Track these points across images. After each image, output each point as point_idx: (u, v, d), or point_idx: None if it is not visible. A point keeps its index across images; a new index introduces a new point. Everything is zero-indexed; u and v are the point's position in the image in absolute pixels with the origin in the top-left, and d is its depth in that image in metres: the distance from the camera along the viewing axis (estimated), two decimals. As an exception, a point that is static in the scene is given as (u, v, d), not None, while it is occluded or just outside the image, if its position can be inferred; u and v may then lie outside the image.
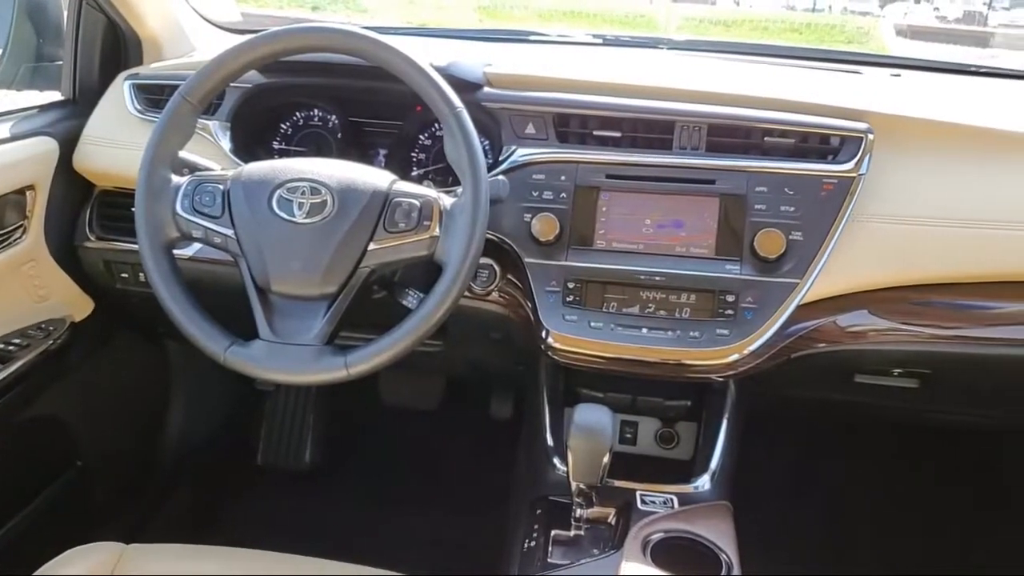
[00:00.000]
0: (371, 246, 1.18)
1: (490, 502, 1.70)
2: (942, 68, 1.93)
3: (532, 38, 1.97)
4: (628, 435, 1.57)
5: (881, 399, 1.56)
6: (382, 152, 1.56)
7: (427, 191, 1.22)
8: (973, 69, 1.89)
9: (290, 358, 1.18)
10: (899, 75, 1.79)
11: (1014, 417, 1.72)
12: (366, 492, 2.22)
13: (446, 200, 1.21)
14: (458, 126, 1.19)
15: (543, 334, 1.35)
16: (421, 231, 1.18)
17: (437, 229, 1.18)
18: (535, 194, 1.38)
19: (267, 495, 2.24)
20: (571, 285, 1.36)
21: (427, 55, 1.26)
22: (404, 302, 1.31)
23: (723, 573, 1.18)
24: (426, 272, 1.26)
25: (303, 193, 1.19)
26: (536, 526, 1.32)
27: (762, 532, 1.48)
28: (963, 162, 1.39)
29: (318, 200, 1.19)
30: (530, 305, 1.37)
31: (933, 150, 1.39)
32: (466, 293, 1.35)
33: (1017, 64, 1.88)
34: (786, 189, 1.33)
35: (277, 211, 1.19)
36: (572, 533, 1.28)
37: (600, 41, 1.95)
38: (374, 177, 1.22)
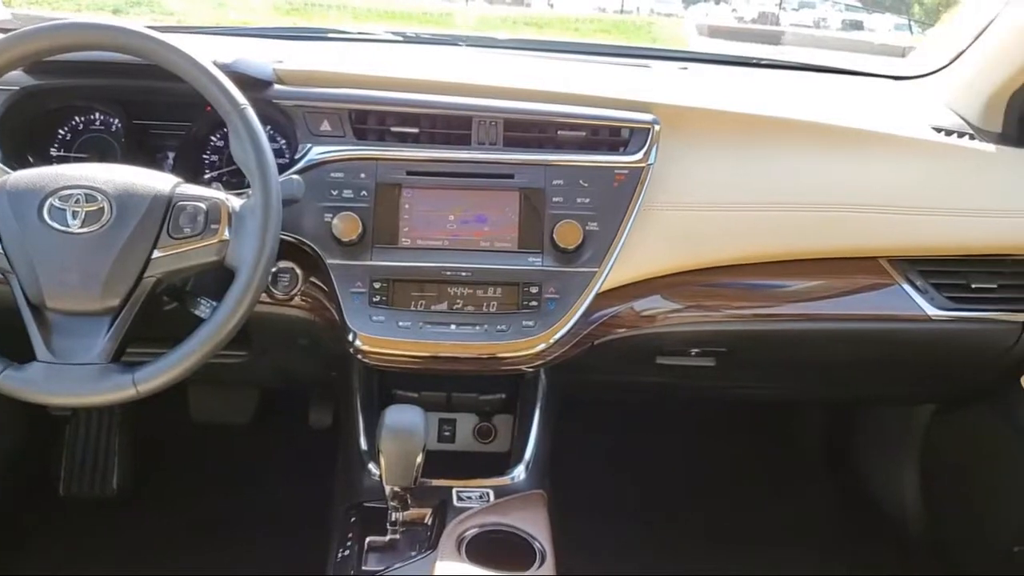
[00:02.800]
0: (155, 254, 1.13)
1: (310, 515, 1.65)
2: (728, 61, 2.04)
3: (331, 35, 1.92)
4: (447, 433, 1.57)
5: (683, 378, 1.62)
6: (171, 155, 1.48)
7: (214, 193, 1.17)
8: (755, 61, 2.01)
9: (71, 379, 1.11)
10: (687, 68, 1.87)
11: (805, 388, 1.84)
12: (180, 515, 2.10)
13: (235, 202, 1.16)
14: (243, 124, 1.15)
15: (350, 337, 1.32)
16: (209, 235, 1.14)
17: (226, 233, 1.14)
18: (334, 193, 1.35)
19: (72, 528, 2.08)
20: (377, 285, 1.34)
21: (215, 53, 1.21)
22: (196, 312, 1.25)
23: (535, 562, 1.19)
24: (219, 279, 1.20)
25: (77, 201, 1.12)
26: (351, 534, 1.30)
27: (579, 516, 1.51)
28: (746, 148, 1.46)
29: (94, 208, 1.12)
30: (335, 307, 1.34)
31: (717, 138, 1.46)
32: (267, 299, 1.31)
33: (799, 58, 2.01)
34: (581, 181, 1.36)
35: (49, 221, 1.12)
36: (387, 538, 1.26)
37: (400, 38, 1.93)
38: (155, 180, 1.16)
